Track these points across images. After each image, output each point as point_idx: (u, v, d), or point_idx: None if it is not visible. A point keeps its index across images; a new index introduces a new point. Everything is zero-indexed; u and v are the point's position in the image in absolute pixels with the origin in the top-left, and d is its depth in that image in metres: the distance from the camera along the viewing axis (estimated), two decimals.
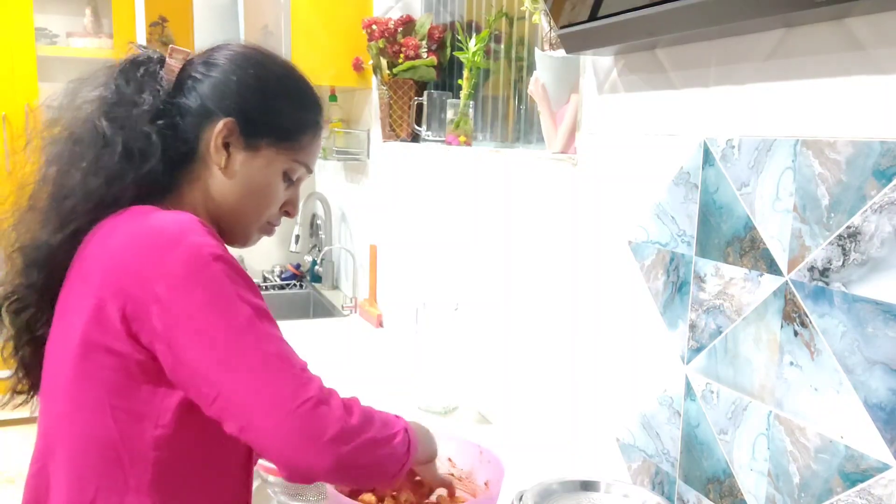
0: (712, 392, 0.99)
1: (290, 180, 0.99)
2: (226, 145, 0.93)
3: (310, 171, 1.01)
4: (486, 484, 1.09)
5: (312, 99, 1.00)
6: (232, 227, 0.98)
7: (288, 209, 1.03)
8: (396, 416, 0.93)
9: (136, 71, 0.94)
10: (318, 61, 2.48)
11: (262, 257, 3.44)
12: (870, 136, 0.76)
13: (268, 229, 1.03)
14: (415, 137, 2.20)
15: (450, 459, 1.14)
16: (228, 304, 0.81)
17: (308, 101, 0.99)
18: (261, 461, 1.23)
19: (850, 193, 0.78)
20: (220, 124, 0.92)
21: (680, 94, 1.04)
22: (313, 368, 0.86)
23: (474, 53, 1.84)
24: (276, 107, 0.96)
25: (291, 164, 0.97)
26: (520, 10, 1.75)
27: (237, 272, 0.83)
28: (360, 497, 1.01)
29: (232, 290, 0.81)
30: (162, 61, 0.95)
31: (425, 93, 2.09)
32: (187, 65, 0.96)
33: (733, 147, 0.94)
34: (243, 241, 1.01)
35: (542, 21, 1.36)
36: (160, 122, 0.91)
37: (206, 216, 0.95)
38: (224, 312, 0.80)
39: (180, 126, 0.92)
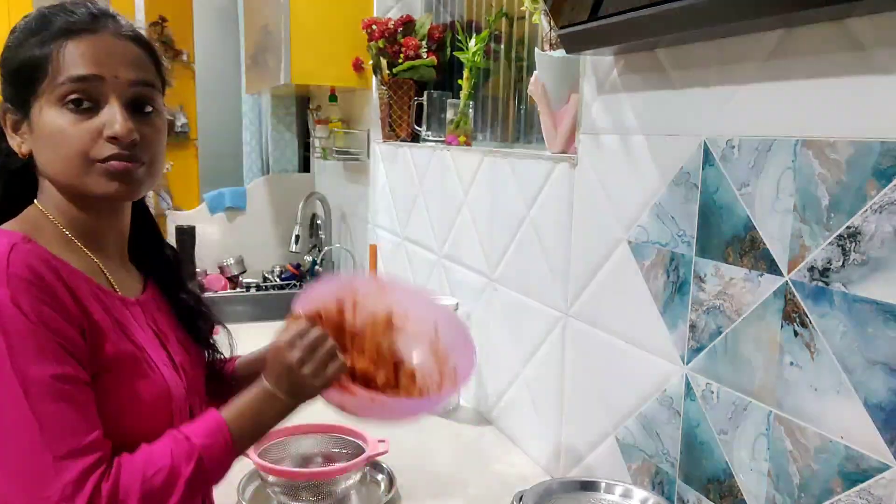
0: (712, 392, 0.99)
1: (74, 104, 0.82)
2: (15, 127, 0.85)
3: (99, 78, 0.82)
4: (454, 369, 0.99)
5: (52, 16, 0.84)
6: (70, 188, 0.85)
7: (109, 132, 0.82)
8: (195, 448, 0.81)
9: None
10: (318, 61, 2.48)
11: (261, 257, 3.44)
12: (870, 136, 0.76)
13: (108, 169, 0.83)
14: (415, 137, 2.20)
15: (436, 330, 1.03)
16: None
17: (45, 23, 0.84)
18: (258, 460, 1.23)
19: (850, 193, 0.78)
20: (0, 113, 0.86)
21: (680, 94, 1.04)
22: None
23: (474, 53, 1.84)
24: (16, 57, 0.84)
25: (58, 90, 0.81)
26: (520, 10, 1.75)
27: (22, 333, 0.73)
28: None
29: (10, 356, 0.72)
30: None
31: (425, 93, 2.09)
32: None
33: (733, 147, 0.94)
34: (90, 190, 0.84)
35: (542, 21, 1.36)
36: None
37: (62, 199, 0.86)
38: None
39: None
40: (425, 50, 2.15)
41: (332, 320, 0.98)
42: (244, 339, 1.75)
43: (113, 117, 0.82)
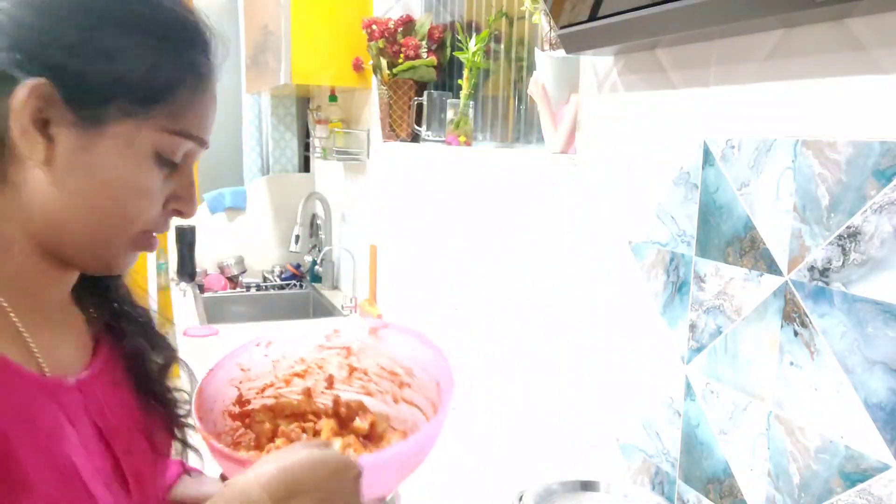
0: (712, 392, 0.99)
1: (169, 164, 0.63)
2: (42, 125, 0.57)
3: (203, 143, 0.65)
4: (437, 385, 0.83)
5: (185, 25, 0.63)
6: (80, 249, 0.62)
7: (179, 207, 0.65)
8: None
9: None
10: (318, 61, 2.48)
11: (261, 257, 3.44)
12: (870, 136, 0.76)
13: (147, 242, 0.65)
14: (415, 137, 2.19)
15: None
16: None
17: (178, 30, 0.62)
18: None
19: (850, 193, 0.78)
20: (23, 93, 0.55)
21: (680, 94, 1.04)
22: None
23: (474, 53, 1.84)
24: (120, 45, 0.58)
25: (166, 138, 0.61)
26: (520, 10, 1.74)
27: None
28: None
29: None
30: None
31: (425, 93, 2.09)
32: None
33: (733, 147, 0.94)
34: (106, 267, 0.65)
35: (542, 21, 1.36)
36: None
37: (29, 242, 0.60)
38: None
39: None
40: (425, 50, 2.15)
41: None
42: (244, 339, 1.74)
43: (189, 187, 0.65)
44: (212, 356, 1.25)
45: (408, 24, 2.16)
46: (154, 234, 0.65)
